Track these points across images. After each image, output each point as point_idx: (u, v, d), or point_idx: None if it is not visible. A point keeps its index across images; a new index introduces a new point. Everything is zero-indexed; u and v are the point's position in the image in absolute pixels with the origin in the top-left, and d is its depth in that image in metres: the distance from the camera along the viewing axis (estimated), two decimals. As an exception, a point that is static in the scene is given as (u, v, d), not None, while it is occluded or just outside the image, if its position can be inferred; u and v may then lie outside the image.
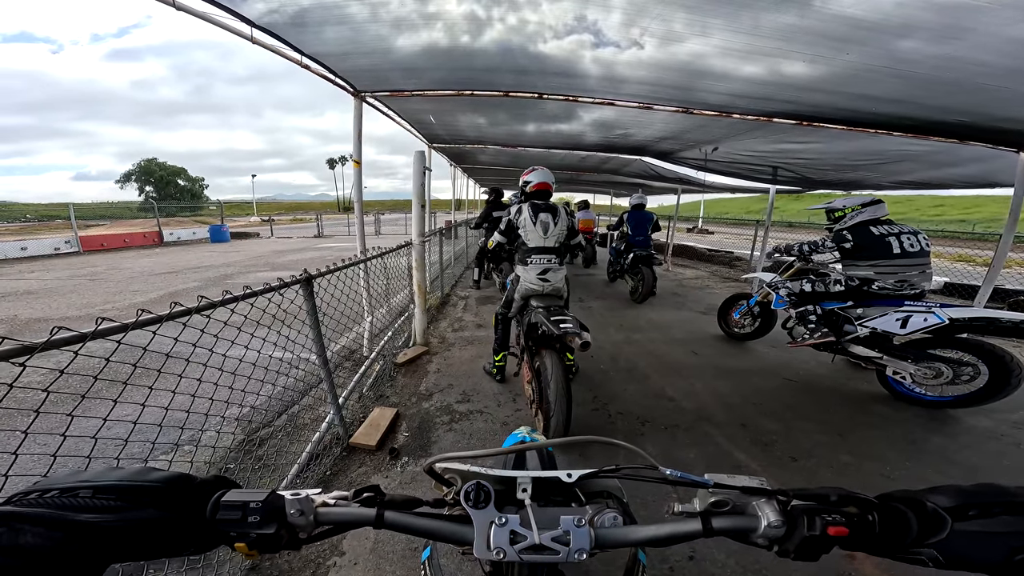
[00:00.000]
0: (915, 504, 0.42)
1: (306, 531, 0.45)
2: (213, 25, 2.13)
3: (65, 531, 0.35)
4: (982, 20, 1.70)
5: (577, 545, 0.45)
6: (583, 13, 2.09)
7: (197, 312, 1.21)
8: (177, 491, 0.41)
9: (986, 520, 0.39)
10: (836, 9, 1.75)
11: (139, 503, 0.39)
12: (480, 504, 0.47)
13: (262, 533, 0.42)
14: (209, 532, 0.42)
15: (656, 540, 0.47)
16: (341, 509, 0.47)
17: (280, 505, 0.44)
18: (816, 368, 3.74)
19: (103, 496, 0.38)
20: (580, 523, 0.46)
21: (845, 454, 2.44)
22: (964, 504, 0.40)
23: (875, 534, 0.42)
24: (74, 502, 0.37)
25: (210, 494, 0.43)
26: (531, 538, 0.45)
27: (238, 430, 2.33)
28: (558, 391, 2.18)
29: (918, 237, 2.92)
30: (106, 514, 0.37)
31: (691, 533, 0.46)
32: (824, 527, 0.42)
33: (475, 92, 3.23)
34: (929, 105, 2.67)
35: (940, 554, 0.39)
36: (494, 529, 0.46)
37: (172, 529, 0.40)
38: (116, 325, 0.98)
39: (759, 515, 0.45)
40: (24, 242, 11.86)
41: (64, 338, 0.91)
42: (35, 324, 4.98)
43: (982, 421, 2.83)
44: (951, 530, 0.39)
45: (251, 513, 0.42)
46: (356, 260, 2.59)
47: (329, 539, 1.76)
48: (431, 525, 0.48)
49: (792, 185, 6.96)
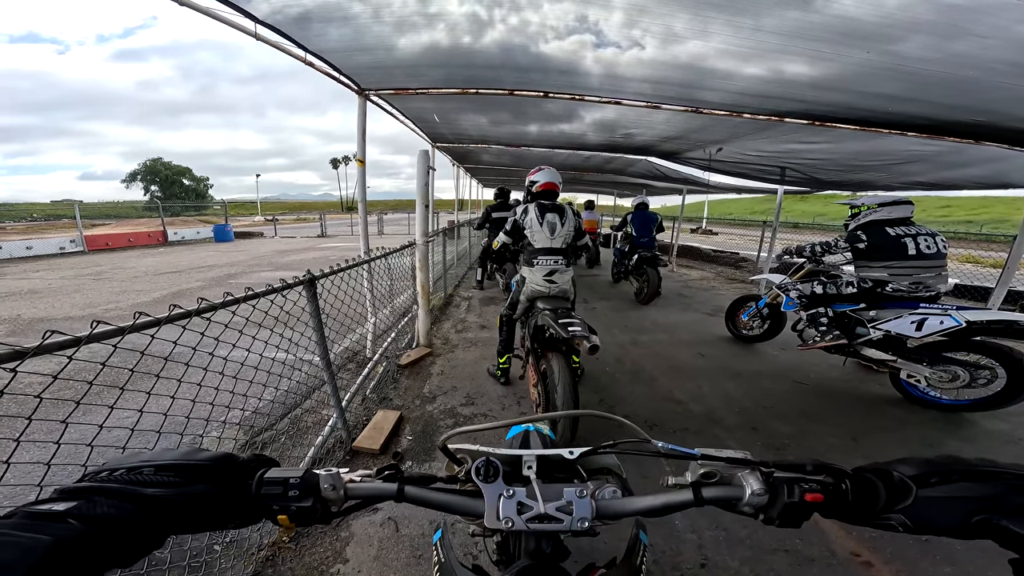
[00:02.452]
0: (883, 474, 0.46)
1: (337, 505, 0.49)
2: (218, 22, 2.10)
3: (135, 503, 0.38)
4: (1004, 16, 1.64)
5: (579, 514, 0.49)
6: (584, 13, 2.08)
7: (197, 315, 1.17)
8: (224, 468, 0.45)
9: (947, 486, 0.42)
10: (849, 6, 1.70)
11: (193, 479, 0.43)
12: (490, 478, 0.51)
13: (301, 506, 0.46)
14: (254, 506, 0.46)
15: (652, 510, 0.51)
16: (367, 484, 0.51)
17: (315, 481, 0.47)
18: (827, 371, 3.68)
19: (164, 473, 0.42)
20: (582, 494, 0.50)
21: (860, 458, 2.31)
22: (927, 472, 0.44)
23: (848, 502, 0.46)
24: (140, 478, 0.41)
25: (253, 472, 0.47)
26: (537, 508, 0.49)
27: (240, 434, 2.29)
28: (565, 395, 2.13)
29: (935, 239, 2.85)
30: (167, 488, 0.41)
31: (684, 503, 0.50)
32: (802, 494, 0.45)
33: (479, 90, 3.20)
34: (946, 104, 2.60)
35: (908, 519, 0.43)
36: (503, 501, 0.50)
37: (222, 503, 0.44)
38: (111, 329, 0.94)
39: (744, 485, 0.48)
40: (30, 241, 11.91)
41: (57, 342, 0.87)
42: (37, 324, 4.98)
43: (998, 425, 2.77)
44: (916, 496, 0.43)
45: (291, 488, 0.46)
46: (359, 261, 2.55)
47: (333, 547, 1.75)
48: (446, 499, 0.52)
49: (800, 186, 6.88)
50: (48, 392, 0.90)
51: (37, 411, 0.90)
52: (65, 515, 0.34)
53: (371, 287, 3.29)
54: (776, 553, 1.71)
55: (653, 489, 0.54)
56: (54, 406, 0.94)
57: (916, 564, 1.67)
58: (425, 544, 1.74)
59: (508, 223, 2.88)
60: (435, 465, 2.25)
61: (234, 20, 2.09)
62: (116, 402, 1.04)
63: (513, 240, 2.90)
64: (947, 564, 1.66)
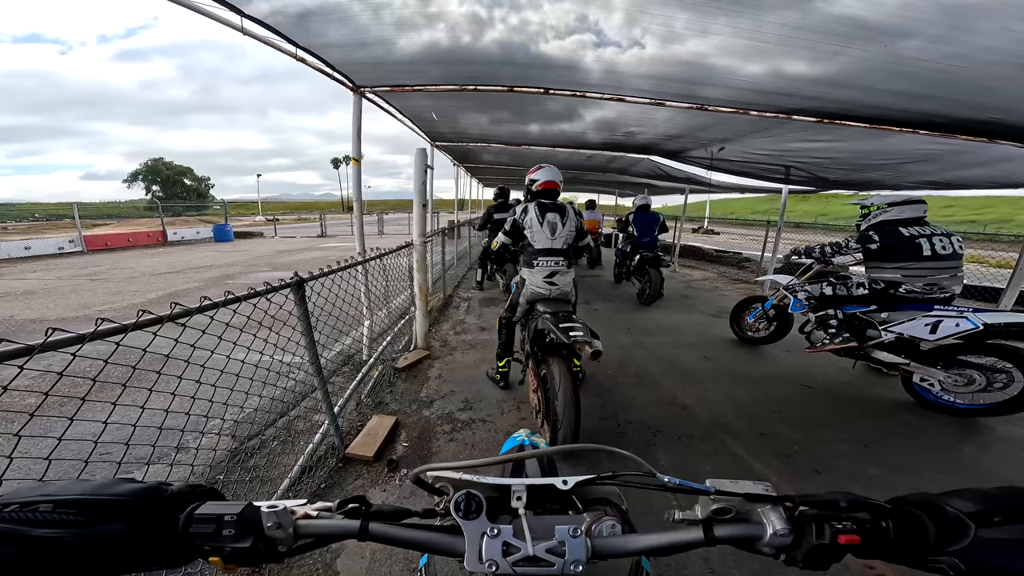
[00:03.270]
0: (933, 509, 0.40)
1: (286, 544, 0.43)
2: (205, 17, 2.03)
3: (19, 547, 0.34)
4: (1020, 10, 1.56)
5: (573, 556, 0.43)
6: (584, 13, 2.06)
7: (171, 320, 1.09)
8: (147, 504, 0.40)
9: (1014, 526, 0.36)
10: (855, 5, 1.63)
11: (104, 517, 0.38)
12: (471, 515, 0.46)
13: (237, 547, 0.40)
14: (182, 546, 0.41)
15: (656, 549, 0.45)
16: (323, 521, 0.45)
17: (256, 518, 0.42)
18: (836, 374, 3.58)
19: (64, 510, 0.37)
20: (576, 533, 0.45)
21: (873, 465, 2.30)
22: (989, 509, 0.37)
23: (889, 541, 0.40)
24: (32, 516, 0.36)
25: (184, 505, 0.42)
26: (525, 550, 0.44)
27: (221, 444, 2.21)
28: (566, 401, 2.05)
29: (951, 239, 2.75)
30: (66, 528, 0.36)
31: (692, 542, 0.44)
32: (834, 535, 0.40)
33: (478, 87, 3.13)
34: (962, 101, 2.51)
35: (962, 562, 0.36)
36: (486, 541, 0.44)
37: (141, 544, 0.39)
38: (70, 336, 0.86)
39: (764, 523, 0.43)
40: (28, 241, 11.87)
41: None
42: (30, 325, 4.92)
43: (1013, 430, 2.69)
44: (974, 537, 0.37)
45: (226, 526, 0.41)
46: (353, 262, 2.47)
47: (323, 559, 1.67)
48: (419, 536, 0.46)
49: (805, 185, 6.78)
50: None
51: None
52: None
53: (367, 289, 3.21)
54: (790, 569, 1.63)
55: (657, 524, 0.47)
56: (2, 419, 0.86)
57: (937, 581, 1.58)
58: (418, 557, 1.66)
59: (507, 223, 2.80)
60: (431, 474, 2.17)
61: (220, 15, 2.01)
62: (76, 414, 0.95)
63: (513, 240, 2.81)
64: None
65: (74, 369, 0.91)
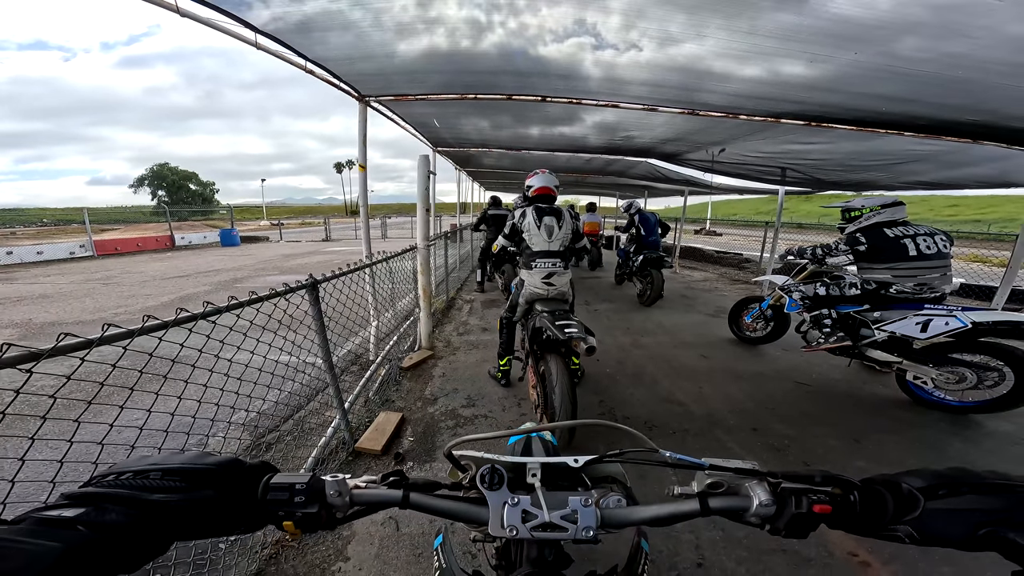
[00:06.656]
0: (892, 485, 0.45)
1: (342, 511, 0.49)
2: (220, 32, 2.15)
3: (141, 509, 0.38)
4: (994, 17, 1.65)
5: (584, 523, 0.49)
6: (582, 16, 2.10)
7: (203, 318, 1.21)
8: (231, 474, 0.45)
9: (954, 499, 0.42)
10: (841, 8, 1.72)
11: (199, 484, 0.42)
12: (495, 486, 0.51)
13: (306, 512, 0.45)
14: (259, 512, 0.45)
15: (658, 519, 0.51)
16: (372, 491, 0.51)
17: (321, 487, 0.47)
18: (831, 372, 3.66)
19: (170, 478, 0.41)
20: (587, 503, 0.50)
21: (861, 459, 2.37)
22: (935, 484, 0.44)
23: (856, 513, 0.46)
24: (147, 483, 0.40)
25: (259, 477, 0.47)
26: (541, 516, 0.49)
27: (244, 435, 2.33)
28: (563, 396, 2.15)
29: (935, 239, 2.83)
30: (173, 494, 0.40)
31: (690, 512, 0.50)
32: (810, 505, 0.45)
33: (478, 95, 3.23)
34: (941, 104, 2.60)
35: (915, 531, 0.43)
36: (507, 509, 0.50)
37: (227, 509, 0.43)
38: (120, 332, 0.98)
39: (751, 495, 0.48)
40: (40, 246, 12.12)
41: (70, 344, 0.91)
42: (49, 328, 5.07)
43: (1002, 425, 2.75)
44: (923, 508, 0.43)
45: (297, 494, 0.46)
46: (361, 265, 2.59)
47: (335, 545, 1.78)
48: (450, 506, 0.52)
49: (802, 186, 6.86)
50: (60, 393, 0.94)
51: (51, 411, 0.93)
52: (74, 522, 0.35)
53: (374, 290, 3.32)
54: (774, 554, 1.72)
55: (658, 498, 0.54)
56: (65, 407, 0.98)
57: (915, 565, 1.67)
58: (425, 543, 1.76)
59: (507, 226, 2.92)
60: (435, 466, 2.27)
61: (235, 31, 2.13)
62: (126, 402, 1.07)
63: (512, 243, 2.93)
64: (945, 565, 1.65)
65: (119, 363, 1.03)
